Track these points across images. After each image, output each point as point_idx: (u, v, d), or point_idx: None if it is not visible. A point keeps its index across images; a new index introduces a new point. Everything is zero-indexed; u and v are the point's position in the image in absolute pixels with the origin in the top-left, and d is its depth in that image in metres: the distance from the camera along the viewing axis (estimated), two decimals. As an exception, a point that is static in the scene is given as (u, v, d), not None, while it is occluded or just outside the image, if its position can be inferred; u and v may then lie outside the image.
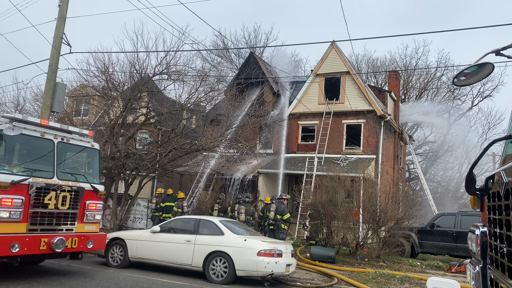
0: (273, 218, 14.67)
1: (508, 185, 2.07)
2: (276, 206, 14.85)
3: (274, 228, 14.68)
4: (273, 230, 14.67)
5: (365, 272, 11.81)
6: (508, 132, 2.52)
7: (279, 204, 15.08)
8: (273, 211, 14.72)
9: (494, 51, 3.22)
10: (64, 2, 13.36)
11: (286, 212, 14.90)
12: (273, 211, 14.72)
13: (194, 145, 18.25)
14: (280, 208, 14.84)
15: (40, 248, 8.14)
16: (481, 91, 40.39)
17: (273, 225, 14.69)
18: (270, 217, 14.74)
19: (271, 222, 14.71)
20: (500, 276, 2.24)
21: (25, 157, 8.63)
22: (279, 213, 14.71)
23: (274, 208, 14.76)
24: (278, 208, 14.79)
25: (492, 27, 17.49)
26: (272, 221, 14.68)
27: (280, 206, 14.97)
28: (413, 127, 41.30)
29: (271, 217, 14.71)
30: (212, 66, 27.36)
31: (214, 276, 9.84)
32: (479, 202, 2.94)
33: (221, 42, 36.10)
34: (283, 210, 14.81)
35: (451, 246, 15.49)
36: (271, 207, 14.88)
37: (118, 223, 17.62)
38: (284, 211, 14.81)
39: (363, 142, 22.15)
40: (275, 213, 14.67)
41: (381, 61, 43.67)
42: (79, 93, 22.48)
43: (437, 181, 43.50)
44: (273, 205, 14.97)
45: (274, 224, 14.68)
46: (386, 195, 15.78)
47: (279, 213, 14.70)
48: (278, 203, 15.12)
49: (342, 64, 23.24)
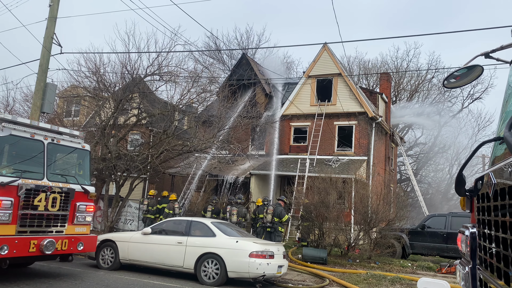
0: (270, 220, 14.61)
1: (497, 186, 2.09)
2: (274, 209, 14.82)
3: (271, 231, 14.65)
4: (270, 233, 14.61)
5: (357, 273, 11.85)
6: (497, 134, 2.54)
7: (276, 206, 15.07)
8: (271, 214, 14.64)
9: (483, 54, 3.25)
10: (55, 2, 13.26)
11: (284, 214, 14.93)
12: (271, 214, 14.64)
13: (186, 146, 18.19)
14: (278, 211, 14.82)
15: (30, 250, 8.06)
16: (471, 93, 40.91)
17: (270, 227, 14.65)
18: (267, 219, 14.61)
19: (268, 225, 14.64)
20: (490, 276, 2.26)
21: (15, 158, 8.54)
22: (277, 216, 14.69)
23: (272, 211, 14.69)
24: (275, 211, 14.77)
25: (482, 30, 17.69)
26: (269, 224, 14.64)
27: (278, 208, 14.97)
28: (404, 128, 41.62)
29: (268, 219, 14.59)
30: (204, 67, 27.34)
31: (206, 278, 9.81)
32: (468, 203, 2.96)
33: (213, 43, 36.08)
34: (280, 213, 14.82)
35: (442, 247, 15.60)
36: (268, 210, 14.76)
37: (109, 224, 17.49)
38: (282, 214, 14.83)
39: (355, 143, 22.26)
40: (272, 216, 14.63)
41: (372, 63, 44.02)
42: (70, 94, 22.31)
43: (428, 182, 43.89)
44: (270, 207, 14.88)
45: (271, 227, 14.66)
46: (378, 196, 15.86)
47: (276, 215, 14.68)
48: (275, 205, 15.09)
49: (334, 66, 23.35)
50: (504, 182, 1.98)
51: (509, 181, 1.89)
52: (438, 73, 40.28)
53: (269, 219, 14.60)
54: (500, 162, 2.18)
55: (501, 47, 3.09)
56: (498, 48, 3.12)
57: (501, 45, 3.07)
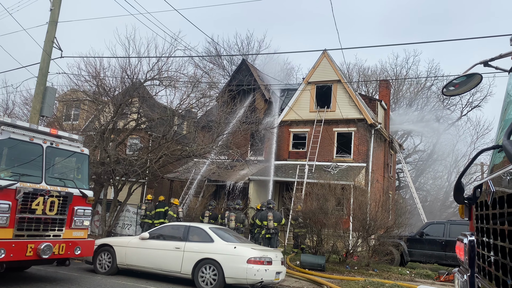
0: (273, 227, 14.57)
1: (496, 194, 2.09)
2: (273, 214, 14.80)
3: (272, 237, 14.61)
4: (269, 239, 14.55)
5: (355, 280, 11.81)
6: (496, 142, 2.55)
7: (274, 212, 15.08)
8: (272, 220, 14.61)
9: (482, 62, 3.27)
10: (56, 6, 13.29)
11: (282, 217, 15.02)
12: (272, 220, 14.61)
13: (185, 151, 18.19)
14: (277, 216, 14.88)
15: (27, 254, 8.02)
16: (470, 101, 41.00)
17: (271, 234, 14.61)
18: (269, 226, 14.52)
19: (271, 231, 14.61)
20: (488, 285, 2.26)
21: (13, 162, 8.51)
22: (276, 221, 14.70)
23: (272, 217, 14.68)
24: (275, 216, 14.76)
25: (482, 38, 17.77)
26: (273, 230, 14.61)
27: (276, 214, 15.04)
28: (403, 136, 41.67)
29: (270, 226, 14.52)
30: (204, 73, 27.40)
31: (203, 284, 9.76)
32: (467, 211, 2.96)
33: (213, 49, 36.24)
34: (280, 218, 14.91)
35: (440, 254, 15.56)
36: (268, 216, 14.69)
37: (107, 229, 17.44)
38: (281, 218, 14.99)
39: (354, 150, 22.27)
40: (273, 222, 14.61)
41: (372, 70, 44.18)
42: (70, 98, 22.31)
43: (427, 189, 43.84)
44: (270, 213, 14.84)
45: (273, 233, 14.64)
46: (376, 203, 15.84)
47: (276, 221, 14.68)
48: (272, 211, 15.06)
49: (333, 72, 23.42)
50: (503, 190, 1.98)
51: (508, 189, 1.89)
52: (437, 80, 40.47)
53: (271, 226, 14.52)
54: (499, 170, 2.18)
55: (500, 55, 3.11)
56: (497, 56, 3.14)
57: (500, 54, 3.09)
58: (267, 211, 14.97)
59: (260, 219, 14.91)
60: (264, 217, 14.79)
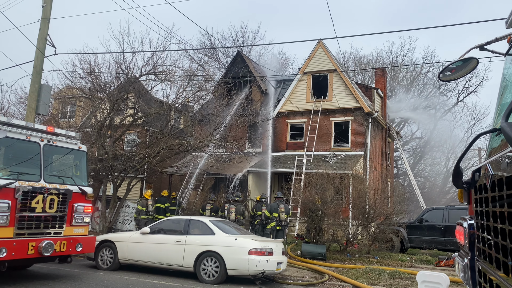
0: (285, 219, 14.60)
1: (494, 177, 2.10)
2: (284, 207, 14.81)
3: (282, 229, 14.65)
4: (279, 231, 14.55)
5: (356, 268, 11.90)
6: (493, 126, 2.55)
7: (285, 204, 15.12)
8: (284, 212, 14.57)
9: (478, 46, 3.26)
10: (48, 3, 13.17)
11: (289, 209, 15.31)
12: (284, 212, 14.57)
13: (183, 145, 18.17)
14: (287, 209, 15.00)
15: (28, 252, 8.03)
16: (466, 87, 41.01)
17: (282, 226, 14.64)
18: (281, 218, 14.48)
19: (283, 223, 14.63)
20: (489, 267, 2.28)
21: (11, 160, 8.50)
22: (287, 213, 14.77)
23: (283, 209, 14.67)
24: (286, 208, 14.81)
25: (477, 23, 17.72)
26: (284, 222, 14.65)
27: (286, 206, 15.14)
28: (400, 123, 41.73)
29: (283, 218, 14.50)
30: (200, 66, 27.26)
31: (206, 276, 9.82)
32: (466, 195, 2.98)
33: (208, 42, 36.04)
34: (289, 210, 15.12)
35: (440, 240, 15.67)
36: (279, 208, 14.62)
37: (107, 225, 17.47)
38: (289, 211, 15.19)
39: (351, 139, 22.29)
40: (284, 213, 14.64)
41: (368, 58, 44.07)
42: (65, 95, 22.21)
43: (425, 176, 44.04)
44: (282, 205, 14.80)
45: (284, 225, 14.69)
46: (375, 191, 15.91)
47: (286, 212, 14.73)
48: (283, 203, 15.04)
49: (329, 62, 23.36)
50: (501, 173, 1.99)
51: (506, 172, 1.90)
52: (433, 67, 40.42)
53: (284, 218, 14.50)
54: (497, 153, 2.19)
55: (495, 39, 3.10)
56: (493, 40, 3.13)
57: (496, 37, 3.08)
58: (277, 203, 14.92)
59: (270, 211, 14.81)
60: (275, 209, 14.71)
